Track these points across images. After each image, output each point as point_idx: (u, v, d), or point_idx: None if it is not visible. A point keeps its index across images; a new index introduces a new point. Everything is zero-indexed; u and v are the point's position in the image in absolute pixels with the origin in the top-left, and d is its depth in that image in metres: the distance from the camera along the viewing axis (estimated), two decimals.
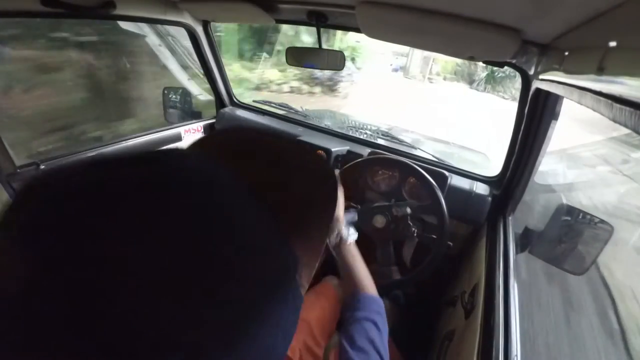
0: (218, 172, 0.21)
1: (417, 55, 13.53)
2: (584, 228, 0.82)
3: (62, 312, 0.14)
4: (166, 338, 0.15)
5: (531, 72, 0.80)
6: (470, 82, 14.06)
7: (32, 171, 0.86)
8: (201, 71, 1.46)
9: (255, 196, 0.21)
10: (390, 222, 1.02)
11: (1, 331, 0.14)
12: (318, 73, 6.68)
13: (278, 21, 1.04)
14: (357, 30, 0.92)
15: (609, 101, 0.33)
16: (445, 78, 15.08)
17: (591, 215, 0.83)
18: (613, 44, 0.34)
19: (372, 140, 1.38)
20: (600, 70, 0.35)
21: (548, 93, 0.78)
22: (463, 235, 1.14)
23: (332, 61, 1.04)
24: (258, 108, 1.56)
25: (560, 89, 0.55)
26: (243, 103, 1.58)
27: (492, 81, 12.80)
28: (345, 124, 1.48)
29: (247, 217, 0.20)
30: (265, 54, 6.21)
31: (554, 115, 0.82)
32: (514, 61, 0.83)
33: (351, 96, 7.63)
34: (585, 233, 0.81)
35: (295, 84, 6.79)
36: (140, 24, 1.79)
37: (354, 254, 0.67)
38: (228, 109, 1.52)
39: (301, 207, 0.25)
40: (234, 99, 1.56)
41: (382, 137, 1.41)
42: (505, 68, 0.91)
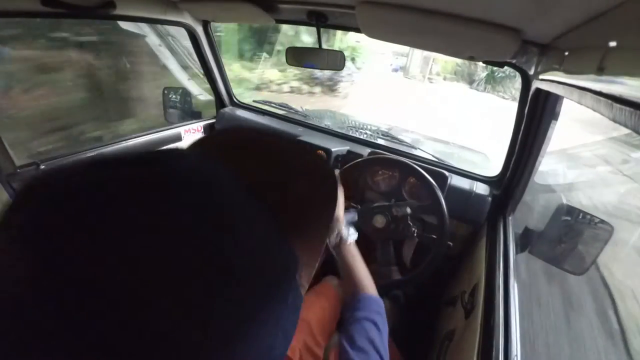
0: (218, 172, 0.21)
1: (417, 55, 13.47)
2: (584, 228, 0.82)
3: (62, 312, 0.14)
4: (166, 337, 0.15)
5: (531, 72, 0.80)
6: (470, 82, 14.01)
7: (32, 171, 0.86)
8: (201, 71, 1.46)
9: (255, 196, 0.21)
10: (390, 222, 1.02)
11: (1, 331, 0.14)
12: (318, 73, 6.64)
13: (278, 21, 1.04)
14: (357, 30, 0.92)
15: (609, 101, 0.33)
16: (445, 78, 15.04)
17: (591, 215, 0.83)
18: (613, 44, 0.34)
19: (372, 140, 1.38)
20: (600, 70, 0.35)
21: (548, 93, 0.78)
22: (463, 235, 1.14)
23: (332, 61, 1.04)
24: (258, 108, 1.56)
25: (560, 89, 0.55)
26: (243, 103, 1.58)
27: (492, 81, 12.76)
28: (345, 124, 1.48)
29: (247, 217, 0.20)
30: (265, 54, 6.20)
31: (554, 115, 0.82)
32: (514, 61, 0.83)
33: (351, 96, 7.60)
34: (585, 233, 0.81)
35: (295, 84, 6.75)
36: (140, 24, 1.79)
37: (354, 254, 0.67)
38: (228, 109, 1.52)
39: (301, 207, 0.25)
40: (234, 99, 1.56)
41: (382, 137, 1.41)
42: (505, 68, 0.91)
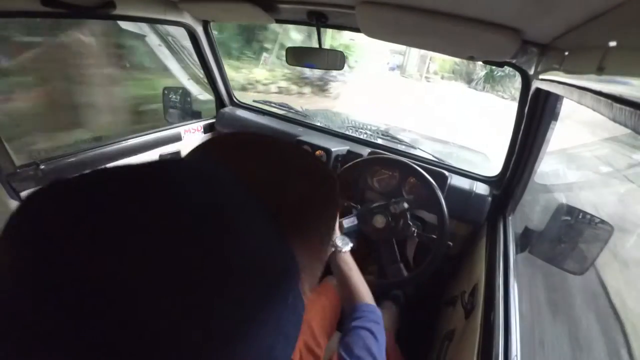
0: (218, 173, 0.22)
1: (414, 53, 13.31)
2: (584, 228, 0.82)
3: (62, 312, 0.14)
4: (166, 337, 0.15)
5: (531, 72, 0.80)
6: (468, 81, 13.95)
7: (32, 171, 0.86)
8: (201, 71, 1.46)
9: (254, 197, 0.21)
10: (389, 221, 1.02)
11: (2, 331, 0.14)
12: (307, 72, 6.39)
13: (278, 21, 1.04)
14: (357, 30, 0.92)
15: (609, 101, 0.33)
16: (442, 77, 14.97)
17: (591, 215, 0.83)
18: (613, 44, 0.34)
19: (372, 140, 1.38)
20: (600, 70, 0.35)
21: (548, 93, 0.78)
22: (463, 235, 1.14)
23: (332, 61, 1.04)
24: (258, 108, 1.56)
25: (560, 89, 0.55)
26: (243, 103, 1.58)
27: (491, 80, 12.71)
28: (345, 124, 1.48)
29: (247, 217, 0.20)
30: (251, 53, 5.97)
31: (554, 115, 0.82)
32: (514, 61, 0.83)
33: (343, 97, 7.35)
34: (585, 233, 0.81)
35: (283, 84, 6.48)
36: (140, 24, 1.79)
37: (349, 263, 0.66)
38: (228, 109, 1.52)
39: (300, 208, 0.25)
40: (234, 99, 1.56)
41: (382, 137, 1.41)
42: (504, 67, 0.91)
